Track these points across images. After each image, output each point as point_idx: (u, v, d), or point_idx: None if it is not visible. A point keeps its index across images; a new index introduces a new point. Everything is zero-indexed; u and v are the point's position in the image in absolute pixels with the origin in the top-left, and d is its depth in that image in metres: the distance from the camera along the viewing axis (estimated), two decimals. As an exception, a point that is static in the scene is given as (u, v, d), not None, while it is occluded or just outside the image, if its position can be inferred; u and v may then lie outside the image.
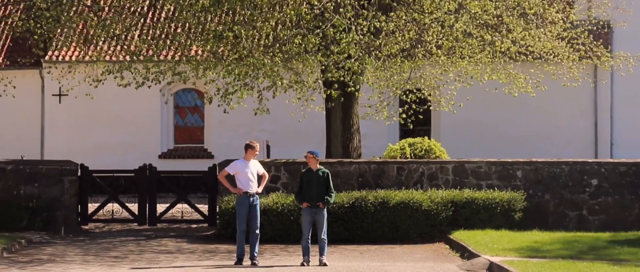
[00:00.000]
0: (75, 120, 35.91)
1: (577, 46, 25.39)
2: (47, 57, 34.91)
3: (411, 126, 26.51)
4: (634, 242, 20.61)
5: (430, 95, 28.93)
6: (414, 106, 26.34)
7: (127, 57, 24.37)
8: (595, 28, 29.47)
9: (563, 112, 34.62)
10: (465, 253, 19.56)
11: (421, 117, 28.35)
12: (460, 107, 26.41)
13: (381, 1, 22.01)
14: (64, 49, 34.56)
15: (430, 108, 29.85)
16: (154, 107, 35.58)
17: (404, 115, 25.94)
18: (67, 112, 35.88)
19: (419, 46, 24.68)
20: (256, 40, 21.99)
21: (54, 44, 34.37)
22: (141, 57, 23.17)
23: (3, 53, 37.21)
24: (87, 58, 25.76)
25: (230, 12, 22.52)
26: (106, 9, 23.87)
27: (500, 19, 23.91)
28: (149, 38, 24.67)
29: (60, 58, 34.77)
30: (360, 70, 22.48)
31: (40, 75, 36.21)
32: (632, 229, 22.67)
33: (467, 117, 33.17)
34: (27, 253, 19.93)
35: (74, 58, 32.06)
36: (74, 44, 30.66)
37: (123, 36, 24.15)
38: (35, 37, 25.00)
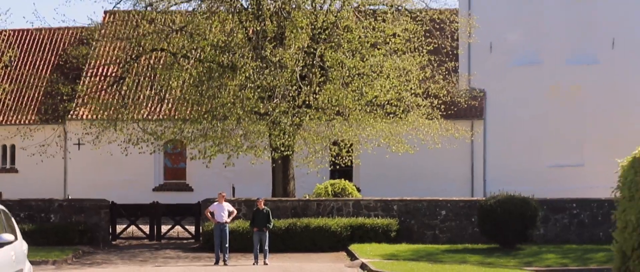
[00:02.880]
0: (90, 163, 48.00)
1: (437, 121, 38.15)
2: (69, 115, 47.57)
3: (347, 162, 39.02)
4: (458, 251, 33.51)
5: (351, 145, 41.52)
6: (334, 158, 39.01)
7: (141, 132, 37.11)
8: (470, 97, 42.68)
9: (448, 158, 46.96)
10: (353, 258, 32.35)
11: (350, 162, 40.90)
12: (358, 163, 39.10)
13: (304, 100, 34.79)
14: (83, 109, 47.05)
15: (349, 159, 42.52)
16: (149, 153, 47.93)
17: (324, 165, 38.76)
18: (84, 157, 48.12)
19: (336, 119, 37.29)
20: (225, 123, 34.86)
21: (74, 104, 46.86)
22: (153, 135, 35.99)
23: (35, 111, 49.82)
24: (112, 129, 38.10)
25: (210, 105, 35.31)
26: (129, 100, 36.71)
27: (383, 106, 36.78)
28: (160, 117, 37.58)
29: (79, 115, 47.37)
30: (293, 142, 35.36)
31: (64, 128, 48.70)
32: (464, 243, 35.55)
33: (380, 162, 45.29)
34: (86, 259, 32.54)
35: (93, 116, 44.81)
36: (94, 108, 42.65)
37: (141, 119, 37.05)
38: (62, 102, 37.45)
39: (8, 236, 15.13)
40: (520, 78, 48.27)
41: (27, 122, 49.15)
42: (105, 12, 51.54)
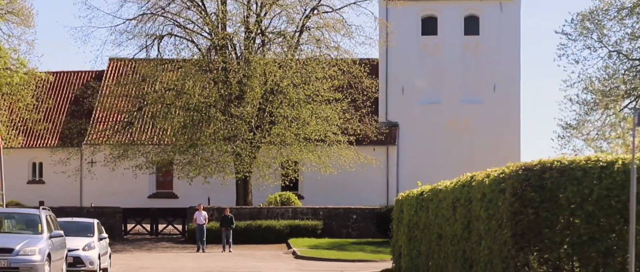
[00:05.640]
0: (101, 177, 63.33)
1: (352, 151, 53.97)
2: (85, 141, 63.15)
3: (291, 179, 54.86)
4: (361, 243, 49.22)
5: (296, 164, 57.24)
6: (283, 177, 54.83)
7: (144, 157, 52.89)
8: (378, 133, 58.59)
9: (370, 174, 62.25)
10: (289, 247, 48.04)
11: (297, 178, 56.70)
12: (302, 179, 55.02)
13: (258, 140, 50.57)
14: (95, 135, 62.63)
15: (294, 176, 58.18)
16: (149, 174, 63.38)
17: (277, 181, 54.71)
18: (96, 172, 63.47)
19: (280, 149, 53.13)
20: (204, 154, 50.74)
21: (88, 131, 62.50)
22: (154, 163, 51.82)
23: (57, 137, 65.35)
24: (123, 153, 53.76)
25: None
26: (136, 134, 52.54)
27: (313, 141, 52.61)
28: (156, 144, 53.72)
29: (93, 140, 62.87)
30: (250, 168, 51.21)
31: (80, 150, 64.04)
32: (368, 238, 51.21)
33: (318, 177, 60.99)
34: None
35: (106, 140, 60.47)
36: (110, 143, 58.43)
37: (148, 150, 52.89)
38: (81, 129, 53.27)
39: (105, 234, 31.29)
40: (425, 114, 64.34)
41: (51, 145, 64.55)
42: (110, 59, 67.05)
